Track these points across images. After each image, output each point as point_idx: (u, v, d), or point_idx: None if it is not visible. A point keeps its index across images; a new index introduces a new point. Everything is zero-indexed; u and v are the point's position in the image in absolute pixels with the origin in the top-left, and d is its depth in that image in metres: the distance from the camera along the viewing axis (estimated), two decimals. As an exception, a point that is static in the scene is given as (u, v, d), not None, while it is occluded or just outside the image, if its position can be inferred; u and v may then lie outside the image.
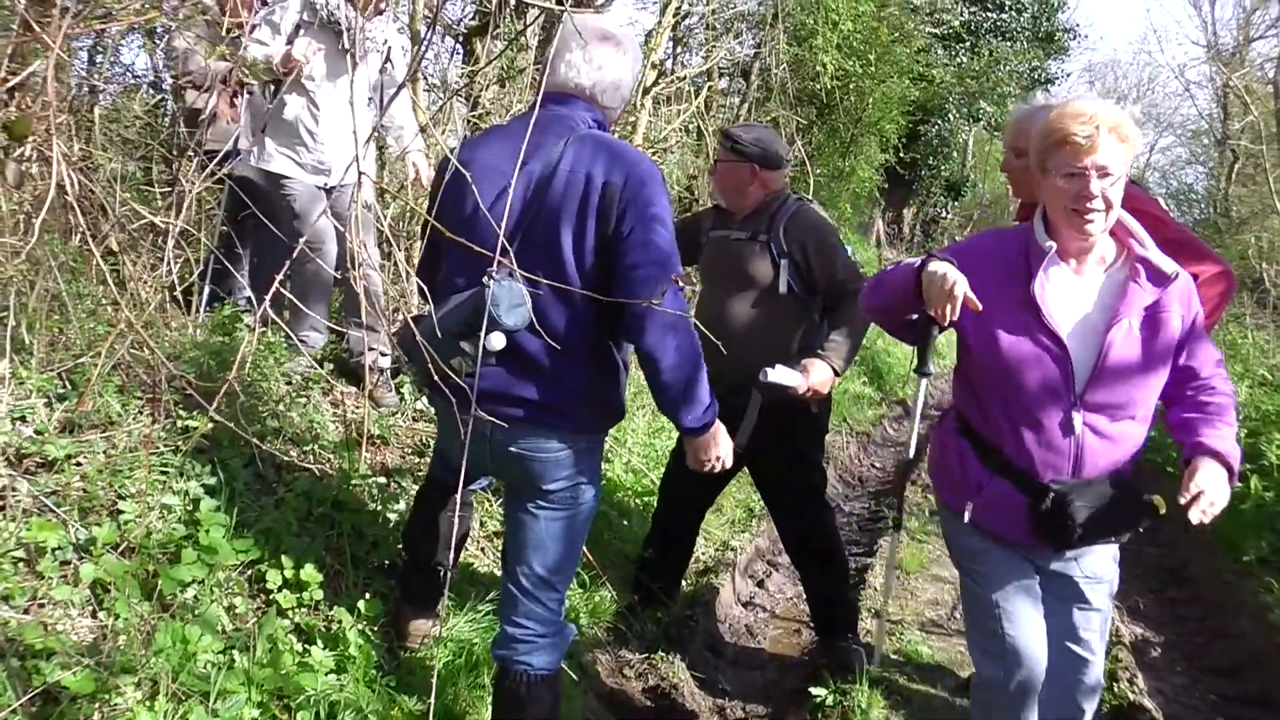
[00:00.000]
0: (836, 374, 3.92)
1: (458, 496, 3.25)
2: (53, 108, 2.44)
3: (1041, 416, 2.71)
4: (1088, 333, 2.68)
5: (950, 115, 20.32)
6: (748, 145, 4.07)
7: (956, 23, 16.21)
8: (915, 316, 2.88)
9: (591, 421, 2.92)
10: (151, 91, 5.96)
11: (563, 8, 2.68)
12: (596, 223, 2.72)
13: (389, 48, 4.61)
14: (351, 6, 4.35)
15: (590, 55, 2.87)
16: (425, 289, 2.89)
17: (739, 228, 4.14)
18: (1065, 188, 2.60)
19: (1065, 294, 2.71)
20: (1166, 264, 2.66)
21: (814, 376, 3.85)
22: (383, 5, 4.56)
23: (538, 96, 2.88)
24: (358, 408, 4.53)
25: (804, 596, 4.71)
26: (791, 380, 3.79)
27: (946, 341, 3.94)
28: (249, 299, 4.75)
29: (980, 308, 2.64)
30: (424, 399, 4.83)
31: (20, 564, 2.71)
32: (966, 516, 2.87)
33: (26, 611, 2.62)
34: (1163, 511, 2.70)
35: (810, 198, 4.29)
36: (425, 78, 4.64)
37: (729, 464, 3.01)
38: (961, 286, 2.63)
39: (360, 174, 1.98)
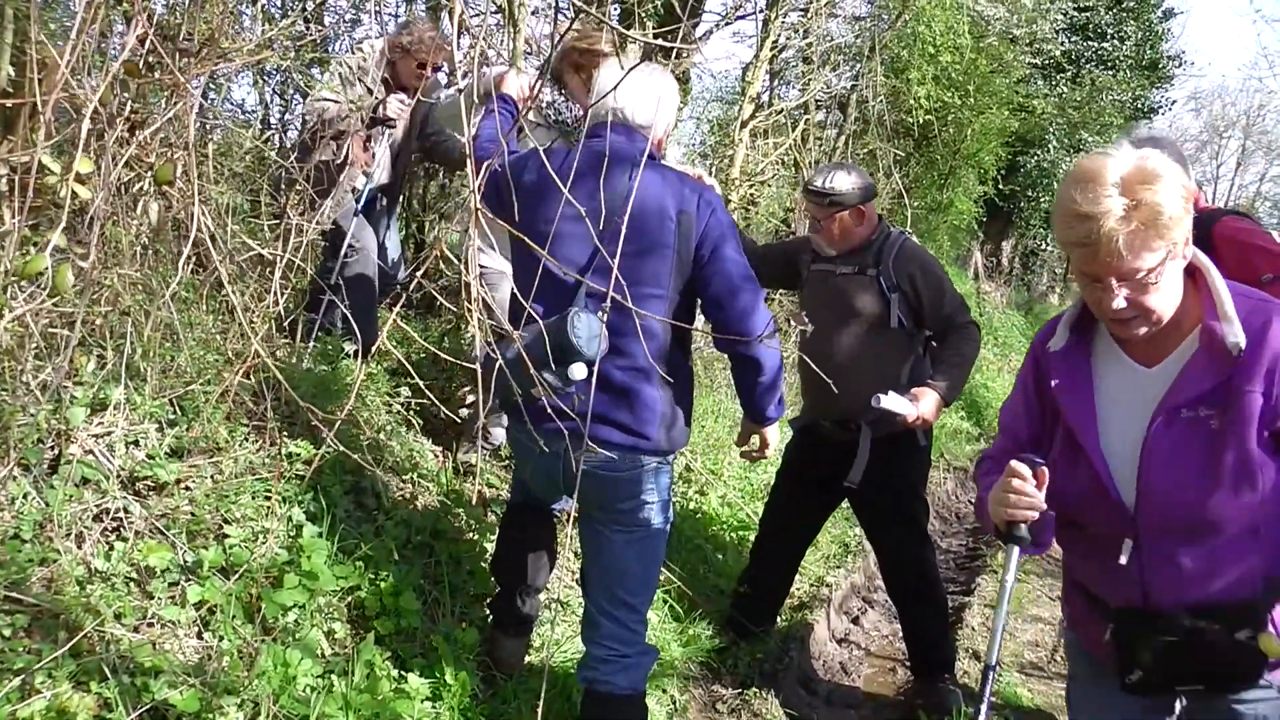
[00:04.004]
0: (946, 403, 3.91)
1: (558, 520, 3.38)
2: (193, 148, 2.53)
3: (1094, 543, 2.20)
4: (1132, 439, 2.10)
5: (1051, 146, 19.94)
6: (844, 192, 4.01)
7: (1057, 53, 15.90)
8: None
9: (662, 440, 2.98)
10: (261, 127, 6.14)
11: (669, 43, 2.72)
12: (675, 249, 2.87)
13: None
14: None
15: (632, 93, 2.96)
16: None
17: (844, 262, 4.11)
18: (1087, 295, 2.07)
19: (1123, 392, 2.14)
20: (1232, 332, 1.98)
21: (924, 405, 3.83)
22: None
23: (585, 126, 3.03)
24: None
25: (900, 634, 4.64)
26: (902, 408, 3.77)
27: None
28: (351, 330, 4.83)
29: None
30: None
31: (132, 584, 2.79)
32: (1064, 620, 2.49)
33: (136, 630, 2.69)
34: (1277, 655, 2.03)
35: (908, 230, 4.26)
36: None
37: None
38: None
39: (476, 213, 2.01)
